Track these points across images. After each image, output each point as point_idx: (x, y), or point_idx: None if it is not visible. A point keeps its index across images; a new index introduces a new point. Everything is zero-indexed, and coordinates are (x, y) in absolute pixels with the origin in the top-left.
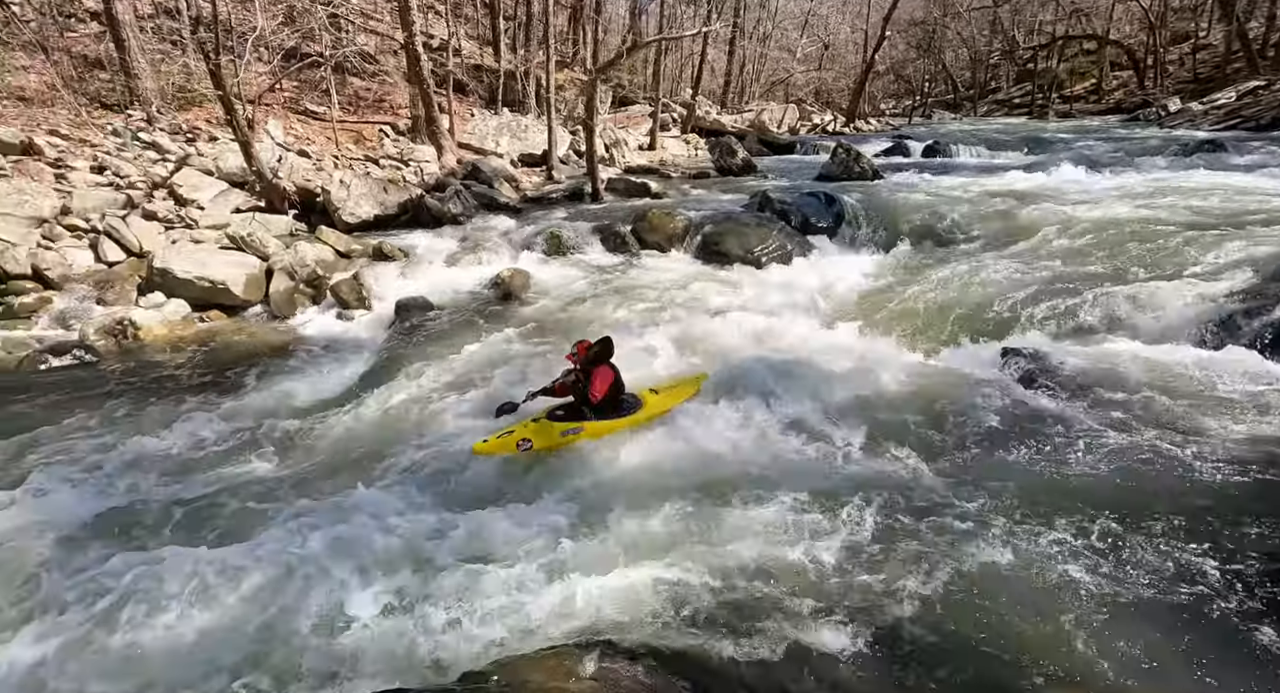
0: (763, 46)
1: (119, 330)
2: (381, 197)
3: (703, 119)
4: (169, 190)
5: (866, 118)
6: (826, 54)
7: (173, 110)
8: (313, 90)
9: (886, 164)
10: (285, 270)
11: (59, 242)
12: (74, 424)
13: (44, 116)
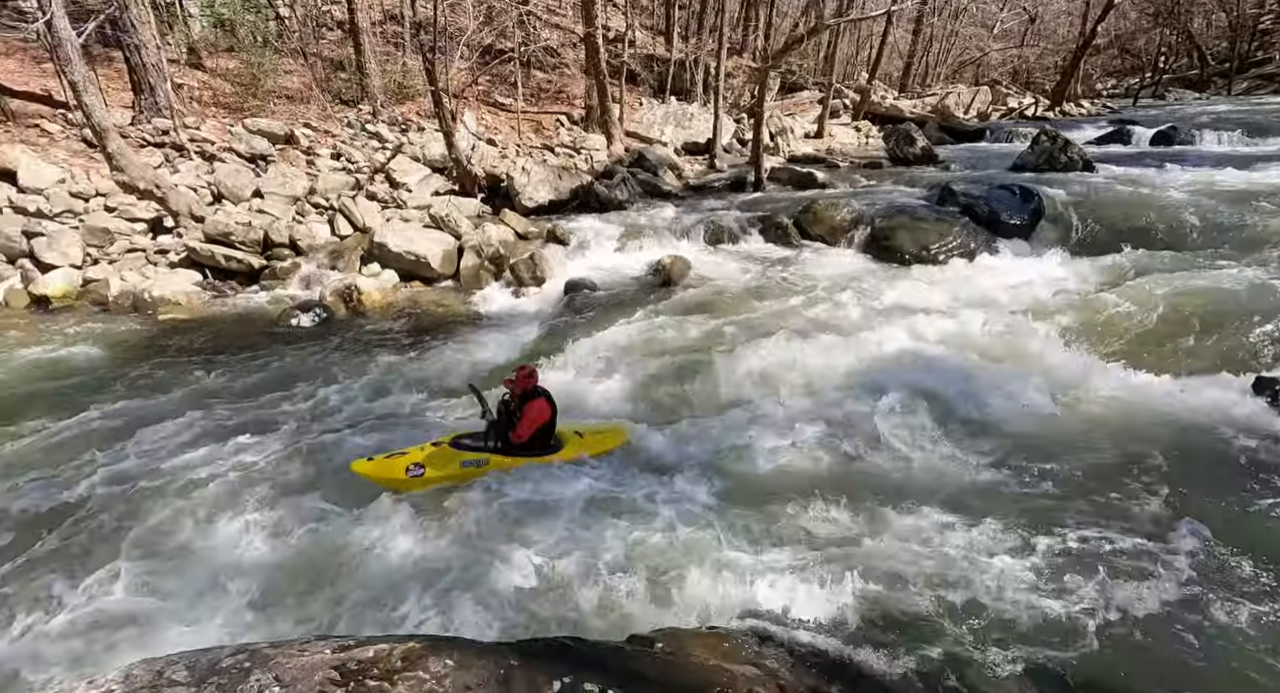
0: (954, 23)
1: (347, 294)
2: (556, 183)
3: (877, 105)
4: (386, 175)
5: (1077, 100)
6: (1031, 29)
7: (392, 104)
8: (501, 84)
9: (1102, 154)
10: (474, 248)
11: (307, 217)
12: (313, 365)
13: (300, 112)
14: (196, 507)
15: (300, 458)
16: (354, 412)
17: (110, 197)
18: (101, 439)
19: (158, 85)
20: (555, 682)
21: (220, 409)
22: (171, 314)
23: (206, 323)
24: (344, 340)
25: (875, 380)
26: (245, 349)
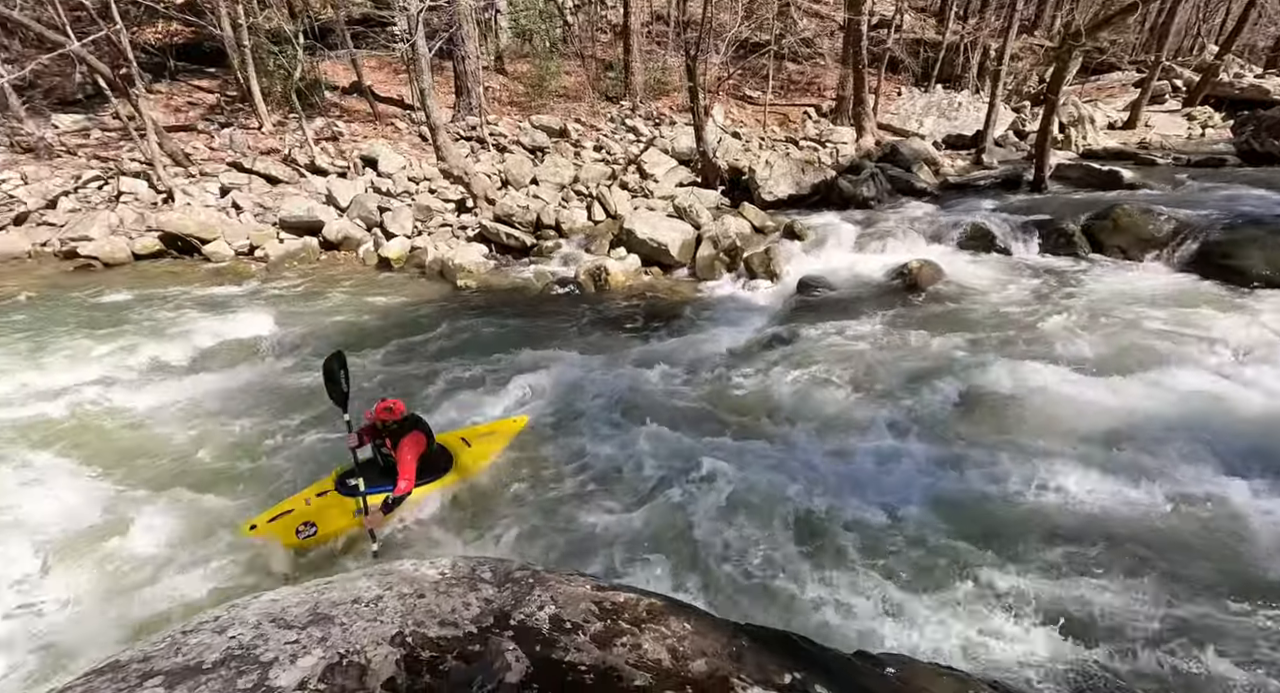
0: None
1: (596, 273)
2: (798, 177)
3: (1228, 85)
4: (638, 166)
5: None
6: None
7: (649, 100)
8: (752, 77)
9: None
10: (711, 239)
11: (570, 203)
12: (565, 331)
13: (573, 109)
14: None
15: (555, 404)
16: (592, 373)
17: (433, 181)
18: (414, 364)
19: (473, 89)
20: (786, 675)
21: (494, 356)
22: (465, 280)
23: (488, 289)
24: (591, 313)
25: (1201, 439)
26: (515, 312)
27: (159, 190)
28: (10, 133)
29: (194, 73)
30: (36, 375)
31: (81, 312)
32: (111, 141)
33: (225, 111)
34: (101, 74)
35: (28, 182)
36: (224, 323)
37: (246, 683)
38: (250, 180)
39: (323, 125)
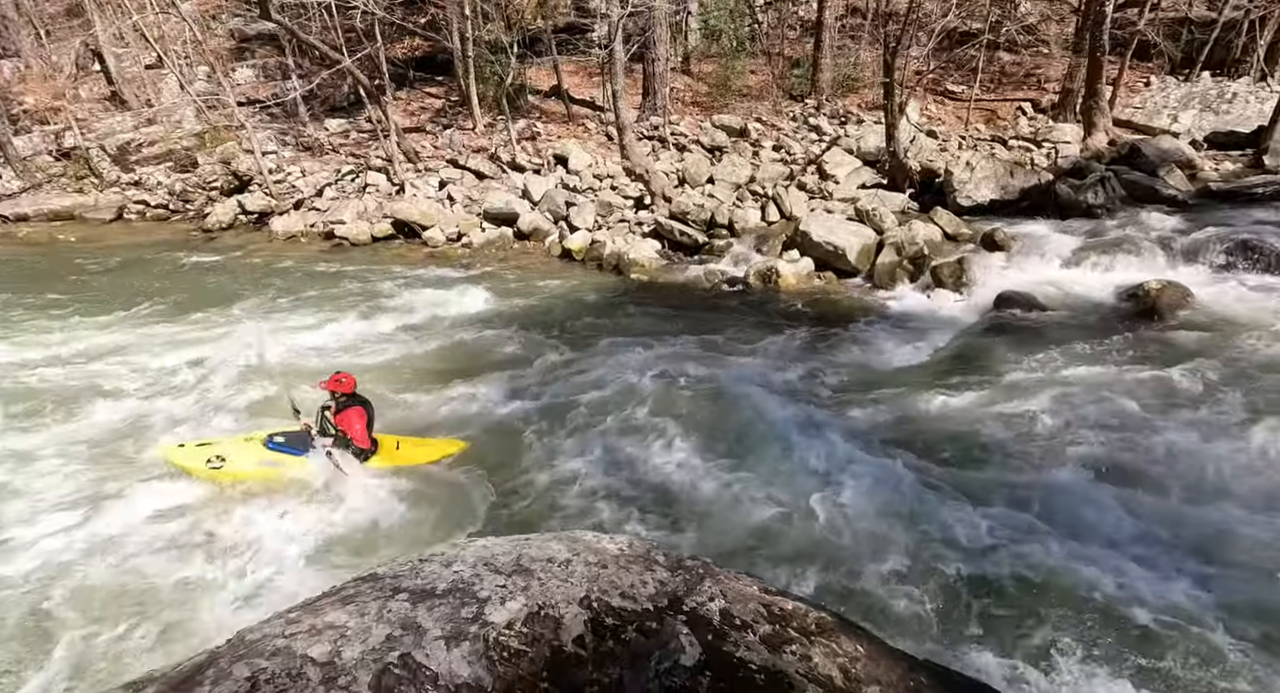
0: None
1: (766, 274)
2: (1005, 180)
3: None
4: (818, 166)
5: None
6: None
7: (836, 97)
8: (957, 70)
9: None
10: (894, 245)
11: (744, 203)
12: (730, 330)
13: (754, 108)
14: (639, 415)
15: (714, 399)
16: (755, 373)
17: (615, 178)
18: (586, 347)
19: (660, 90)
20: None
21: (660, 347)
22: (637, 274)
23: (658, 283)
24: (757, 314)
25: None
26: (682, 307)
27: (394, 183)
28: (296, 134)
29: (426, 81)
30: (307, 333)
31: (337, 281)
32: (364, 141)
33: (448, 114)
34: (363, 85)
35: (305, 174)
36: (437, 298)
37: (468, 613)
38: (463, 176)
39: (524, 126)
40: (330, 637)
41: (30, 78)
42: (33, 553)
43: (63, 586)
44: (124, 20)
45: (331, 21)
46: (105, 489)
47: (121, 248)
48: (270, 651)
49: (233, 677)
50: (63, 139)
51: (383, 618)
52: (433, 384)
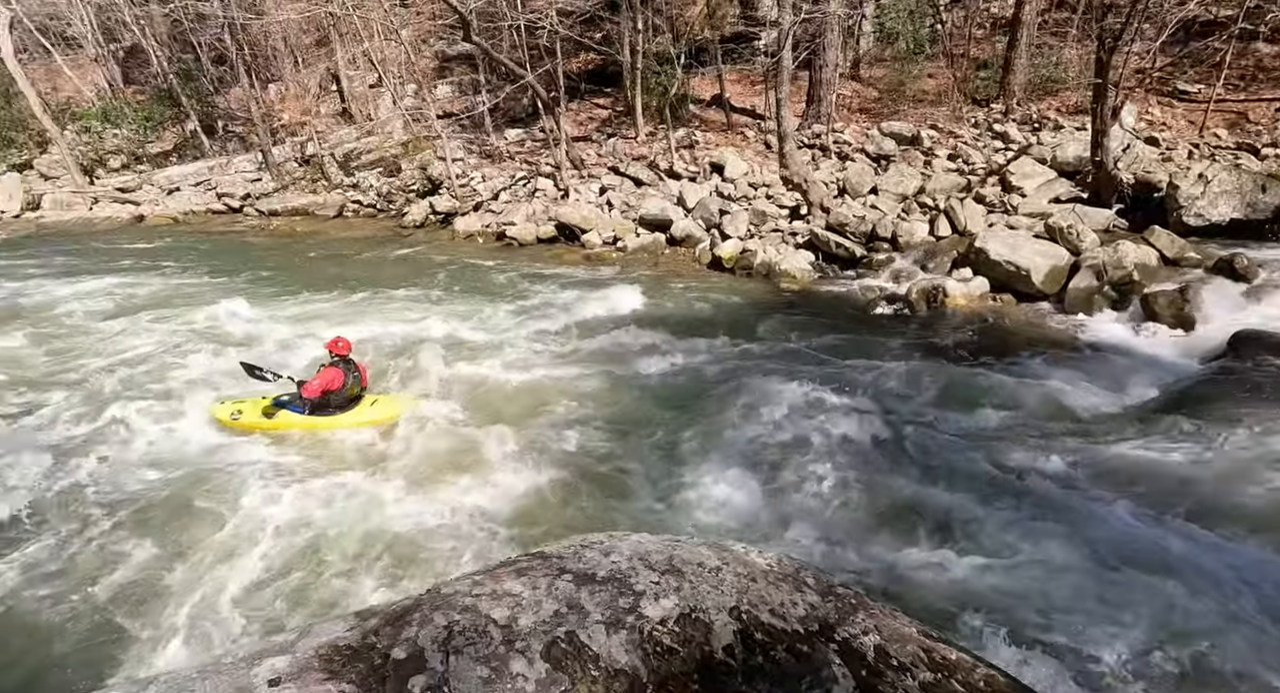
0: None
1: (931, 294)
2: (1252, 196)
3: None
4: (1001, 177)
5: None
6: None
7: (1029, 101)
8: (1193, 66)
9: None
10: (1093, 268)
11: (910, 215)
12: (886, 352)
13: (930, 114)
14: (782, 431)
15: (865, 424)
16: (910, 398)
17: (771, 187)
18: (731, 355)
19: (825, 96)
20: None
21: (804, 365)
22: (788, 285)
23: (810, 296)
24: (919, 337)
25: None
26: (833, 323)
27: (560, 188)
28: (481, 144)
29: (596, 93)
30: (466, 321)
31: (502, 276)
32: (536, 149)
33: (613, 124)
34: (541, 98)
35: (485, 179)
36: (589, 296)
37: (625, 603)
38: (622, 182)
39: (683, 135)
40: (508, 603)
41: (287, 98)
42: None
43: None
44: (358, 47)
45: (520, 40)
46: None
47: (337, 240)
48: (461, 606)
49: (434, 623)
50: (305, 148)
51: (551, 594)
52: (576, 376)
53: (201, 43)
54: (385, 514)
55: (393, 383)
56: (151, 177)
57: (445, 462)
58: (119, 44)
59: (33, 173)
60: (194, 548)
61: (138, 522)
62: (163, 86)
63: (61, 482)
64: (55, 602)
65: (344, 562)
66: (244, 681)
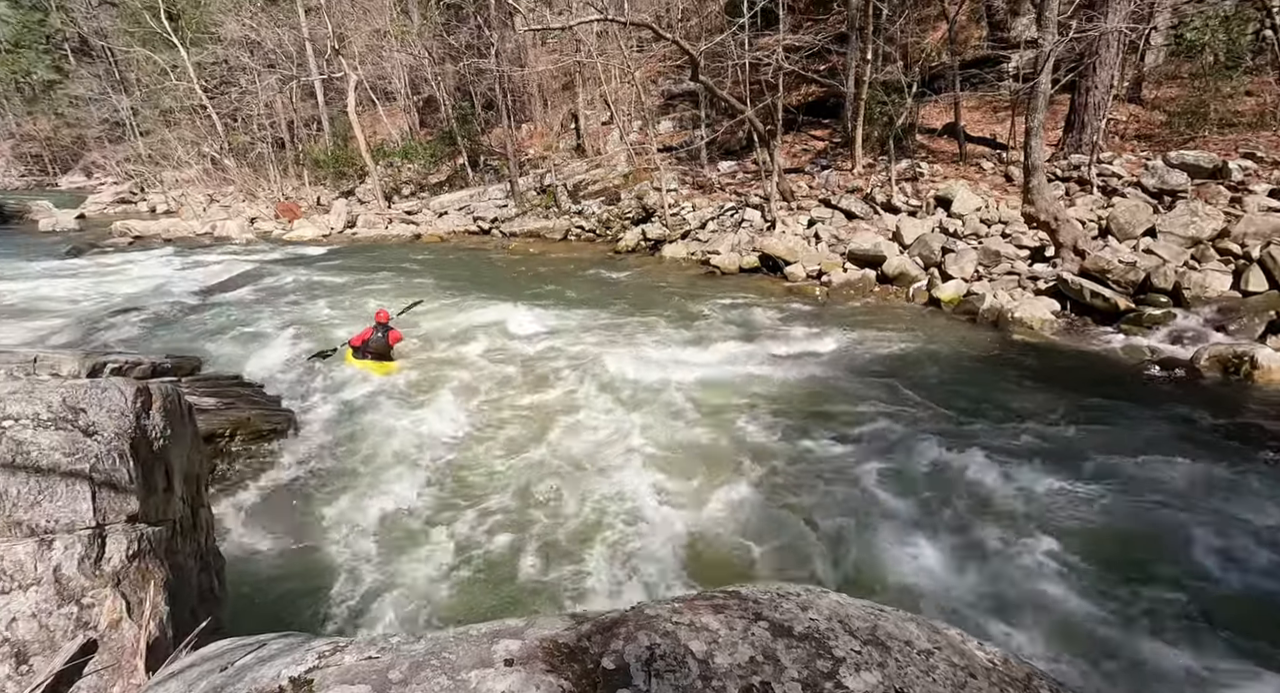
0: None
1: (1231, 362)
2: None
3: None
4: None
5: None
6: None
7: None
8: None
9: None
10: None
11: (1204, 264)
12: (1159, 432)
13: (1244, 140)
14: (1008, 505)
15: (1118, 516)
16: (1188, 500)
17: (1009, 225)
18: (946, 408)
19: (1090, 123)
20: None
21: (1039, 432)
22: (1022, 336)
23: (1050, 352)
24: (1209, 417)
25: None
26: (1083, 386)
27: (767, 219)
28: (694, 175)
29: (812, 125)
30: (660, 342)
31: (702, 302)
32: (747, 181)
33: (828, 155)
34: (758, 131)
35: (695, 209)
36: (788, 329)
37: (823, 666)
38: (832, 215)
39: (906, 166)
40: (705, 638)
41: (534, 135)
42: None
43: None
44: (596, 90)
45: (743, 77)
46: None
47: (559, 260)
48: (662, 631)
49: (638, 641)
50: (544, 179)
51: (747, 638)
52: (766, 409)
53: (476, 92)
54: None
55: (586, 389)
56: (429, 202)
57: (622, 462)
58: (420, 96)
59: (352, 198)
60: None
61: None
62: (445, 129)
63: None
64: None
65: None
66: (485, 654)
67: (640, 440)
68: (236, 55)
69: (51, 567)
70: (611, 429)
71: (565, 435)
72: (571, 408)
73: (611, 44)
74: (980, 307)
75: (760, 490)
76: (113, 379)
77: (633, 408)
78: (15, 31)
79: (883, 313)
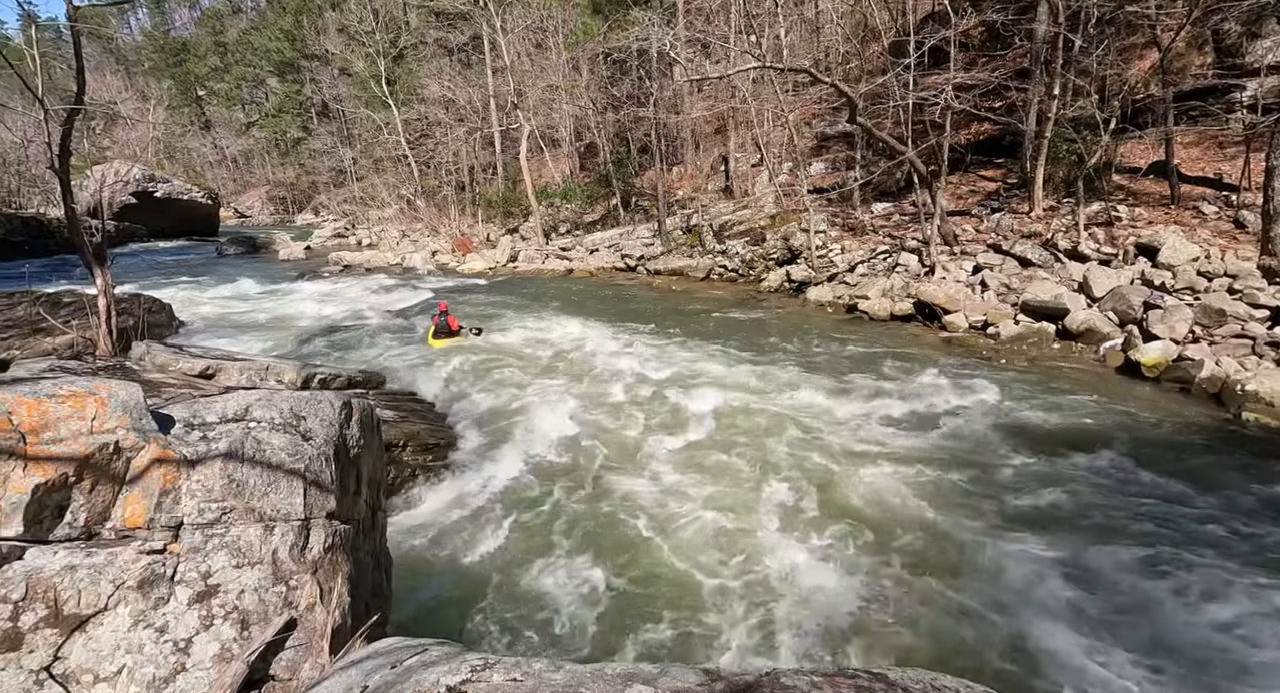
0: None
1: None
2: None
3: None
4: None
5: None
6: None
7: None
8: None
9: None
10: None
11: None
12: None
13: None
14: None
15: None
16: None
17: (1239, 279)
18: (1150, 508)
19: None
20: None
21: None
22: (1258, 414)
23: None
24: None
25: None
26: None
27: (925, 265)
28: (845, 217)
29: (983, 164)
30: (801, 389)
31: (848, 349)
32: (904, 224)
33: (1000, 198)
34: (918, 172)
35: (844, 251)
36: (946, 387)
37: None
38: (1003, 262)
39: (1098, 210)
40: None
41: (683, 177)
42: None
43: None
44: (748, 133)
45: (905, 117)
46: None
47: (702, 298)
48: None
49: None
50: (690, 219)
51: None
52: (914, 474)
53: (633, 138)
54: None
55: (725, 433)
56: (582, 240)
57: (762, 511)
58: (581, 143)
59: (516, 235)
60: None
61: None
62: (602, 172)
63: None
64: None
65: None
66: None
67: (784, 494)
68: (435, 112)
69: (271, 549)
70: (752, 479)
71: (705, 480)
72: (713, 452)
73: (766, 89)
74: (1197, 374)
75: (915, 566)
76: (325, 392)
77: (775, 458)
78: (279, 101)
79: (1063, 375)
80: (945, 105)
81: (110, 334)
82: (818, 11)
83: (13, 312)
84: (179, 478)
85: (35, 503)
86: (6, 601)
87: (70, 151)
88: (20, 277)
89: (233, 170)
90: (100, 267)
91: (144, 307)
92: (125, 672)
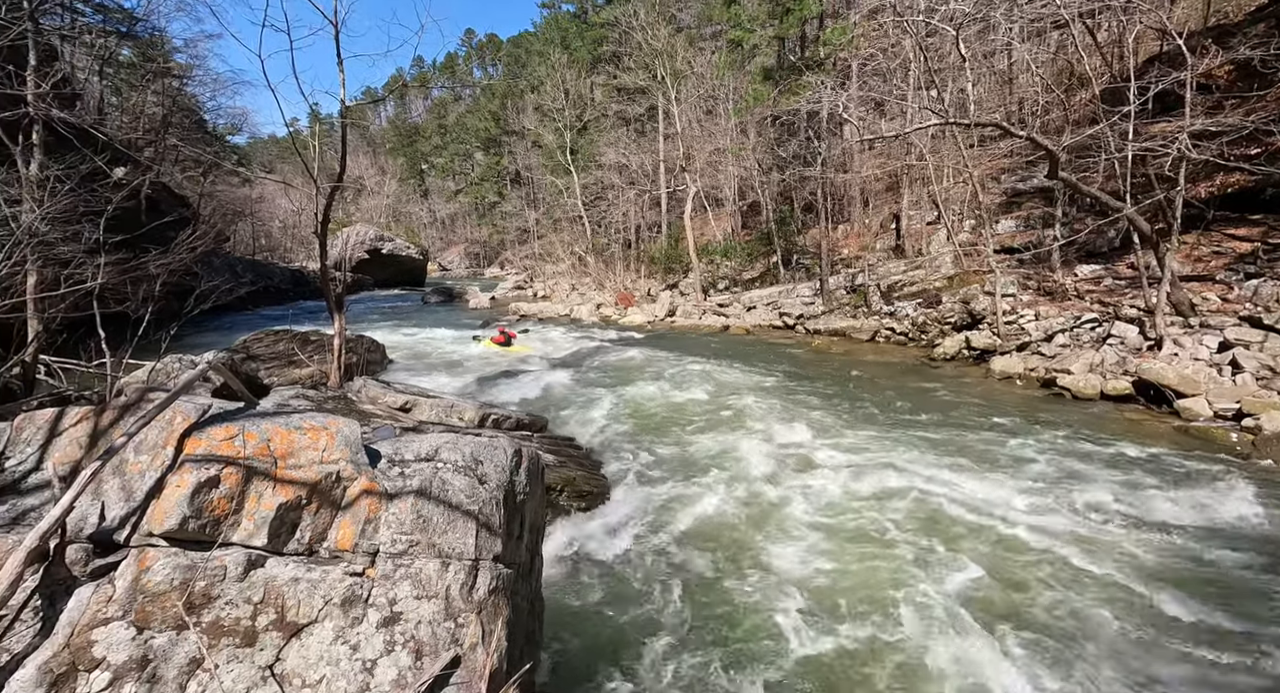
0: None
1: None
2: None
3: None
4: None
5: None
6: None
7: None
8: None
9: None
10: None
11: None
12: None
13: None
14: None
15: None
16: None
17: None
18: None
19: None
20: None
21: None
22: None
23: None
24: None
25: None
26: None
27: (1148, 337)
28: (1040, 279)
29: (1233, 221)
30: (992, 487)
31: (1051, 435)
32: (1117, 289)
33: (1258, 261)
34: (1140, 231)
35: (1038, 318)
36: (1190, 492)
37: None
38: (1265, 338)
39: None
40: None
41: (850, 235)
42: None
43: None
44: (924, 189)
45: (1121, 170)
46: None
47: (865, 363)
48: None
49: None
50: (855, 278)
51: None
52: (1163, 601)
53: (797, 197)
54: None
55: (904, 529)
56: (740, 296)
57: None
58: (744, 201)
59: (675, 290)
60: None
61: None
62: (764, 230)
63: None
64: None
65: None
66: None
67: (977, 607)
68: (609, 176)
69: (445, 586)
70: (935, 581)
71: (869, 591)
72: (877, 546)
73: (946, 144)
74: None
75: None
76: (500, 438)
77: (962, 558)
78: (483, 171)
79: None
80: (1180, 155)
81: (340, 369)
82: (1010, 63)
83: (277, 345)
84: (380, 509)
85: (278, 519)
86: (249, 601)
87: (329, 218)
88: (283, 317)
89: (440, 230)
90: (339, 312)
91: (365, 346)
92: (325, 682)
